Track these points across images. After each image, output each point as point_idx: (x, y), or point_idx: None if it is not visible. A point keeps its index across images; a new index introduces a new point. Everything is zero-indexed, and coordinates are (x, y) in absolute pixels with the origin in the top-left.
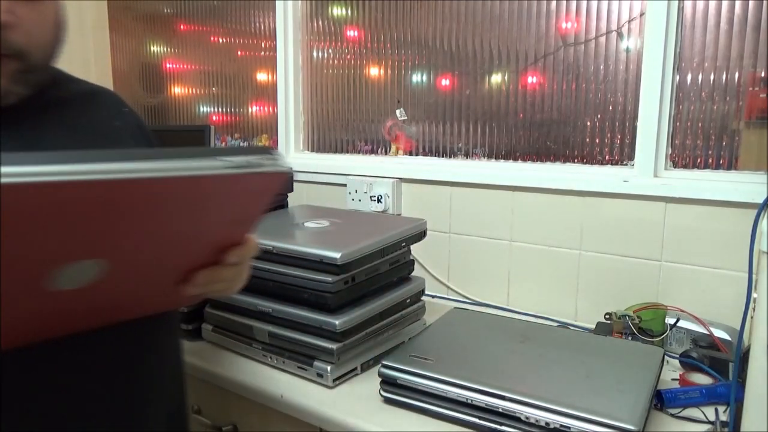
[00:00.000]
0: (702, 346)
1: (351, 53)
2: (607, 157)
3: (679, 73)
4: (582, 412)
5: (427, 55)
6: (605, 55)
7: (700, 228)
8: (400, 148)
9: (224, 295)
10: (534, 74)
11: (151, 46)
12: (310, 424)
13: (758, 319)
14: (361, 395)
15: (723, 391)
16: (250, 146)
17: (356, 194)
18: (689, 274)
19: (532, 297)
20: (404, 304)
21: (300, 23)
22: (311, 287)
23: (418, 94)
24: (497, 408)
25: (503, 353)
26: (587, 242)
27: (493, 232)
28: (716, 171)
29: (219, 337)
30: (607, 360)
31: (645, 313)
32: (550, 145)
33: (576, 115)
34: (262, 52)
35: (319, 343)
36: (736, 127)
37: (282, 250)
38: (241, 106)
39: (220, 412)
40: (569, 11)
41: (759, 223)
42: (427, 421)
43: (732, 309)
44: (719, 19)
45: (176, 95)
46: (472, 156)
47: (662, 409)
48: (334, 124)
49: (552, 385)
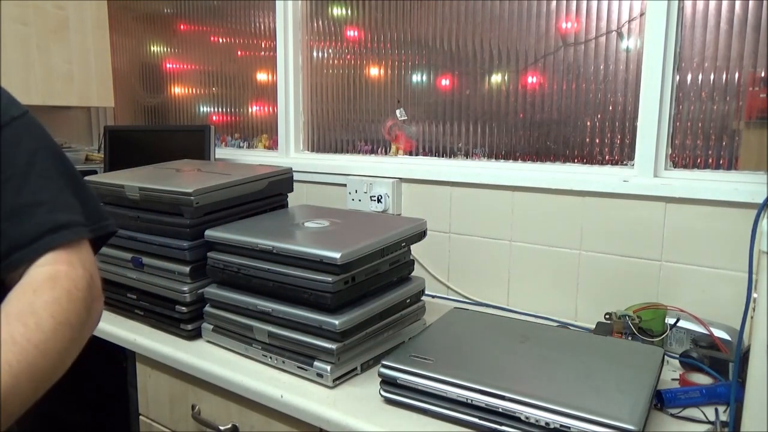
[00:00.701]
0: (702, 346)
1: (351, 53)
2: (607, 157)
3: (679, 73)
4: (582, 412)
5: (427, 55)
6: (605, 55)
7: (700, 228)
8: (400, 148)
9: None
10: (534, 74)
11: (151, 46)
12: (310, 425)
13: (758, 319)
14: (361, 395)
15: (723, 391)
16: None
17: (356, 194)
18: (689, 274)
19: (532, 297)
20: (404, 304)
21: (300, 23)
22: (311, 287)
23: (418, 94)
24: (497, 408)
25: (503, 353)
26: (587, 242)
27: (493, 232)
28: (716, 171)
29: (219, 337)
30: (607, 360)
31: (645, 313)
32: (550, 145)
33: (576, 115)
34: (262, 52)
35: (319, 343)
36: (736, 127)
37: (282, 250)
38: (241, 106)
39: (220, 412)
40: (569, 11)
41: (759, 223)
42: (427, 421)
43: (732, 309)
44: (719, 19)
45: (176, 95)
46: (472, 156)
47: (662, 409)
48: (334, 124)
49: (552, 385)
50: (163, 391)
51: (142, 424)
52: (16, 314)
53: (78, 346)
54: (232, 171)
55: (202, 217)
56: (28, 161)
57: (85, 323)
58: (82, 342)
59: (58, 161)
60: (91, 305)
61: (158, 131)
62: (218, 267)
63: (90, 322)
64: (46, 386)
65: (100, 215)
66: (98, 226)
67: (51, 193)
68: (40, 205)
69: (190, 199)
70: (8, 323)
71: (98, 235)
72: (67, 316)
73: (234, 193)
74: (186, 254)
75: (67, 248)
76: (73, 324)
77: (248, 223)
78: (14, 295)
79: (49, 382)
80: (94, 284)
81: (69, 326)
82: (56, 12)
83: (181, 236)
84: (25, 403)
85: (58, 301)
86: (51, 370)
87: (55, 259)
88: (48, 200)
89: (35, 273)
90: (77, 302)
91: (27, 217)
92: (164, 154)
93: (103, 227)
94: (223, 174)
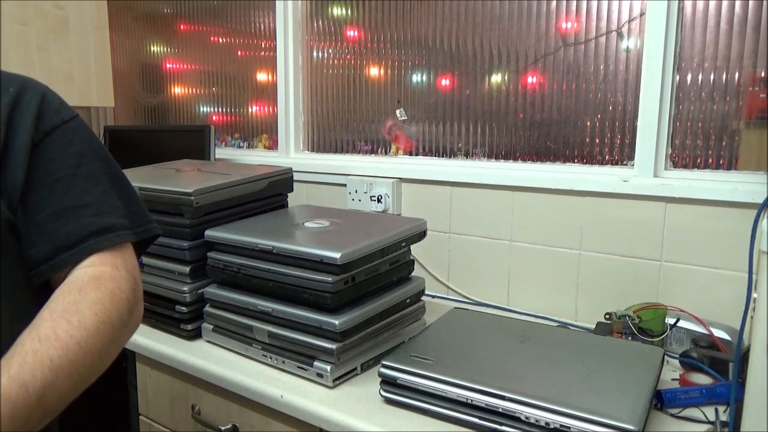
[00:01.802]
0: (702, 346)
1: (351, 53)
2: (607, 157)
3: (679, 73)
4: (582, 412)
5: (427, 55)
6: (605, 55)
7: (700, 228)
8: (400, 148)
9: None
10: (534, 74)
11: (151, 46)
12: (310, 425)
13: (758, 319)
14: (361, 395)
15: (723, 391)
16: None
17: (356, 194)
18: (689, 274)
19: (532, 297)
20: (404, 304)
21: (300, 23)
22: (311, 287)
23: (418, 94)
24: (497, 408)
25: (503, 353)
26: (587, 242)
27: (493, 232)
28: (716, 171)
29: (219, 337)
30: (607, 360)
31: (645, 313)
32: (550, 145)
33: (576, 115)
34: (262, 52)
35: (319, 343)
36: (736, 127)
37: (282, 250)
38: (241, 106)
39: (220, 412)
40: (569, 11)
41: (759, 223)
42: (427, 421)
43: (732, 309)
44: (719, 19)
45: (176, 95)
46: (472, 156)
47: (662, 409)
48: (334, 124)
49: (552, 385)
50: (163, 391)
51: (142, 424)
52: (60, 311)
53: (118, 347)
54: (232, 171)
55: (202, 217)
56: (76, 163)
57: (126, 324)
58: (122, 342)
59: (105, 164)
60: (134, 307)
61: (158, 131)
62: (218, 267)
63: (131, 323)
64: (84, 384)
65: (144, 218)
66: (143, 229)
67: (97, 196)
68: (85, 208)
69: (190, 199)
70: (52, 319)
71: (142, 238)
72: (109, 316)
73: (234, 193)
74: (186, 254)
75: (111, 251)
76: (115, 324)
77: (248, 223)
78: (59, 294)
79: (87, 381)
80: (137, 287)
81: (111, 326)
82: (56, 12)
83: (181, 236)
84: (63, 400)
85: (102, 300)
86: (90, 368)
87: (99, 261)
88: (94, 202)
89: (80, 273)
90: (120, 303)
91: (73, 219)
92: (164, 154)
93: (147, 230)
94: (223, 174)
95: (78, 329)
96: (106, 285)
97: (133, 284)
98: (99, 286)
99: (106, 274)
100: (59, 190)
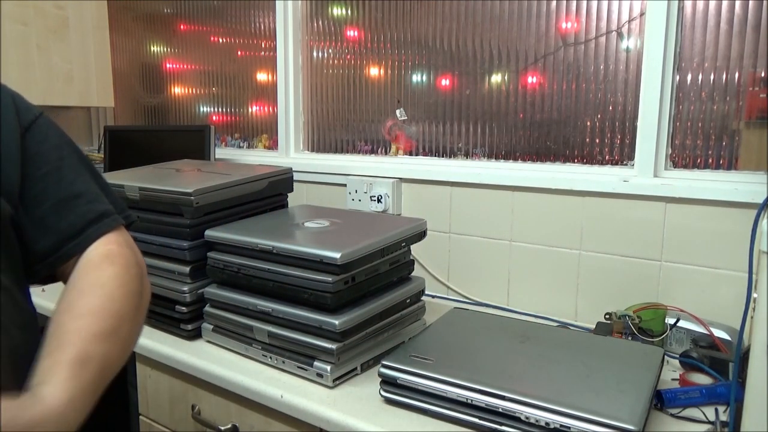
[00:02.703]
0: (702, 346)
1: (351, 53)
2: (607, 157)
3: (679, 73)
4: (582, 412)
5: (427, 55)
6: (605, 55)
7: (700, 228)
8: (400, 148)
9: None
10: (534, 74)
11: (151, 46)
12: (310, 425)
13: (758, 319)
14: (361, 395)
15: (723, 391)
16: None
17: (356, 194)
18: (689, 274)
19: (532, 297)
20: (404, 304)
21: (300, 23)
22: (311, 287)
23: (418, 94)
24: (497, 408)
25: (503, 353)
26: (587, 242)
27: (493, 232)
28: (716, 171)
29: (219, 337)
30: (607, 360)
31: (645, 313)
32: (550, 145)
33: (576, 115)
34: (262, 52)
35: (319, 343)
36: (736, 127)
37: (282, 250)
38: (241, 106)
39: (220, 412)
40: (569, 11)
41: (759, 223)
42: (427, 421)
43: (732, 309)
44: (719, 19)
45: (176, 95)
46: (472, 156)
47: (662, 409)
48: (334, 124)
49: (552, 385)
50: (163, 391)
51: (142, 424)
52: (88, 289)
53: (142, 315)
54: (232, 171)
55: (202, 217)
56: (59, 156)
57: (142, 293)
58: (144, 310)
59: (80, 155)
60: (143, 280)
61: (158, 131)
62: (218, 267)
63: (146, 293)
64: (129, 349)
65: (122, 205)
66: (125, 214)
67: (84, 185)
68: (78, 197)
69: (190, 199)
70: (81, 297)
71: (129, 222)
72: (130, 286)
73: (234, 193)
74: (186, 254)
75: (109, 234)
76: (135, 293)
77: (248, 223)
78: (80, 275)
79: (131, 346)
80: (141, 261)
81: (134, 294)
82: (56, 12)
83: (181, 236)
84: (118, 367)
85: (120, 274)
86: (128, 334)
87: (104, 243)
88: (84, 192)
89: (91, 255)
90: (134, 276)
91: (71, 209)
92: (164, 154)
93: (128, 216)
94: (223, 174)
95: (108, 301)
96: (119, 261)
97: (137, 259)
98: (114, 262)
99: (114, 251)
100: (51, 182)
